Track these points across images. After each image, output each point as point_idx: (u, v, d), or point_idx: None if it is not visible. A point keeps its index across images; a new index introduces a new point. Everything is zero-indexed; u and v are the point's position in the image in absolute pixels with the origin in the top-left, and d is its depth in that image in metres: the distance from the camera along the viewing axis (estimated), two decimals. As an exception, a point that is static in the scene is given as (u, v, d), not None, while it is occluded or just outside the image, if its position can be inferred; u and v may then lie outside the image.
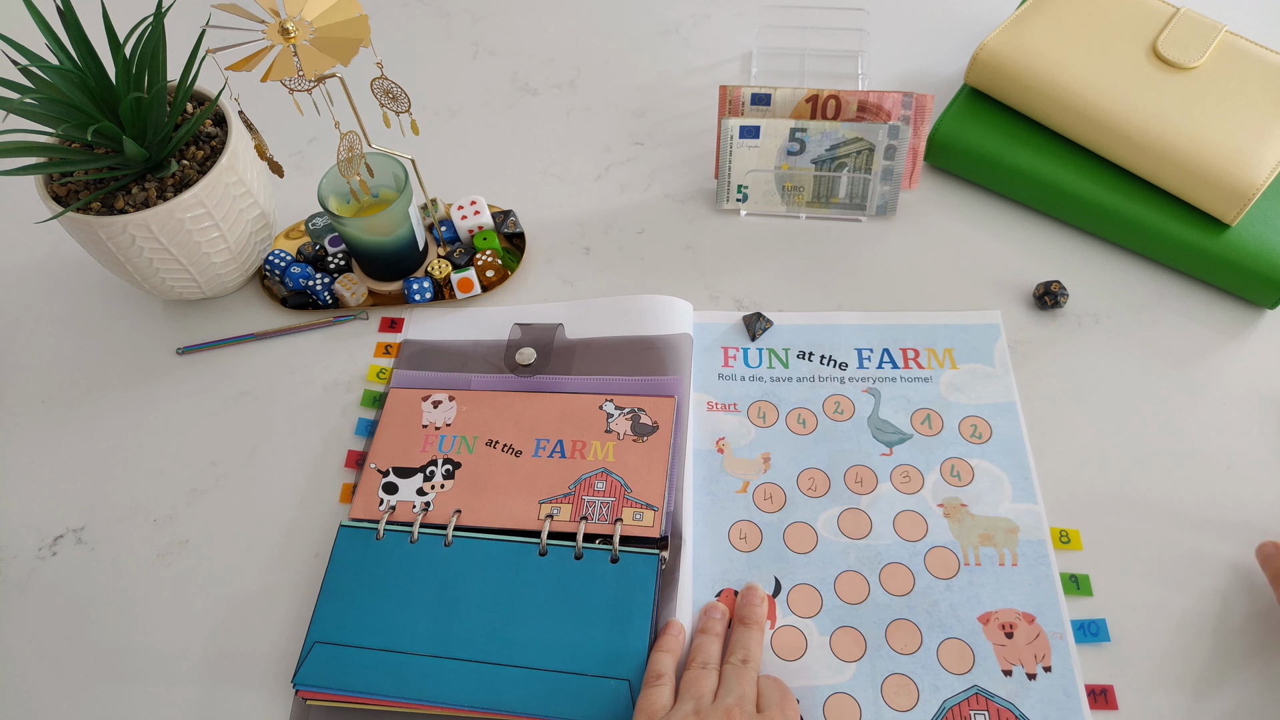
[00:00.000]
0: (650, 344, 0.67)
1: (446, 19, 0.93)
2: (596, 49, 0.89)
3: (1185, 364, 0.66)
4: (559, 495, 0.60)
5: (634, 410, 0.64)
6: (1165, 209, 0.69)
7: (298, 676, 0.54)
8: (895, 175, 0.72)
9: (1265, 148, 0.66)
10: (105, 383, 0.70)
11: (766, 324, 0.69)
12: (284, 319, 0.72)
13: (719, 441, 0.64)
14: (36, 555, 0.62)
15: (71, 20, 0.59)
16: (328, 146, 0.82)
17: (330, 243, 0.74)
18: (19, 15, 0.63)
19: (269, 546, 0.62)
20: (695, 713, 0.49)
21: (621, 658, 0.54)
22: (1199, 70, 0.70)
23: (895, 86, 0.84)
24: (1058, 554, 0.58)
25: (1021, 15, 0.75)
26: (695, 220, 0.76)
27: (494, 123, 0.84)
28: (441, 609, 0.56)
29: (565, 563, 0.57)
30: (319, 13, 0.57)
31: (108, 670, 0.58)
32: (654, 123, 0.83)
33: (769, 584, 0.58)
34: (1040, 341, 0.68)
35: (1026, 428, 0.63)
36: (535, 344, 0.68)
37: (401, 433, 0.64)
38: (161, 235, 0.63)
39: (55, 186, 0.64)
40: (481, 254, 0.72)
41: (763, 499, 0.61)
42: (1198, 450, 0.62)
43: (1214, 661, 0.54)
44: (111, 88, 0.61)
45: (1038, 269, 0.71)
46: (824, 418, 0.65)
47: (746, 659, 0.53)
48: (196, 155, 0.66)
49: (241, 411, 0.68)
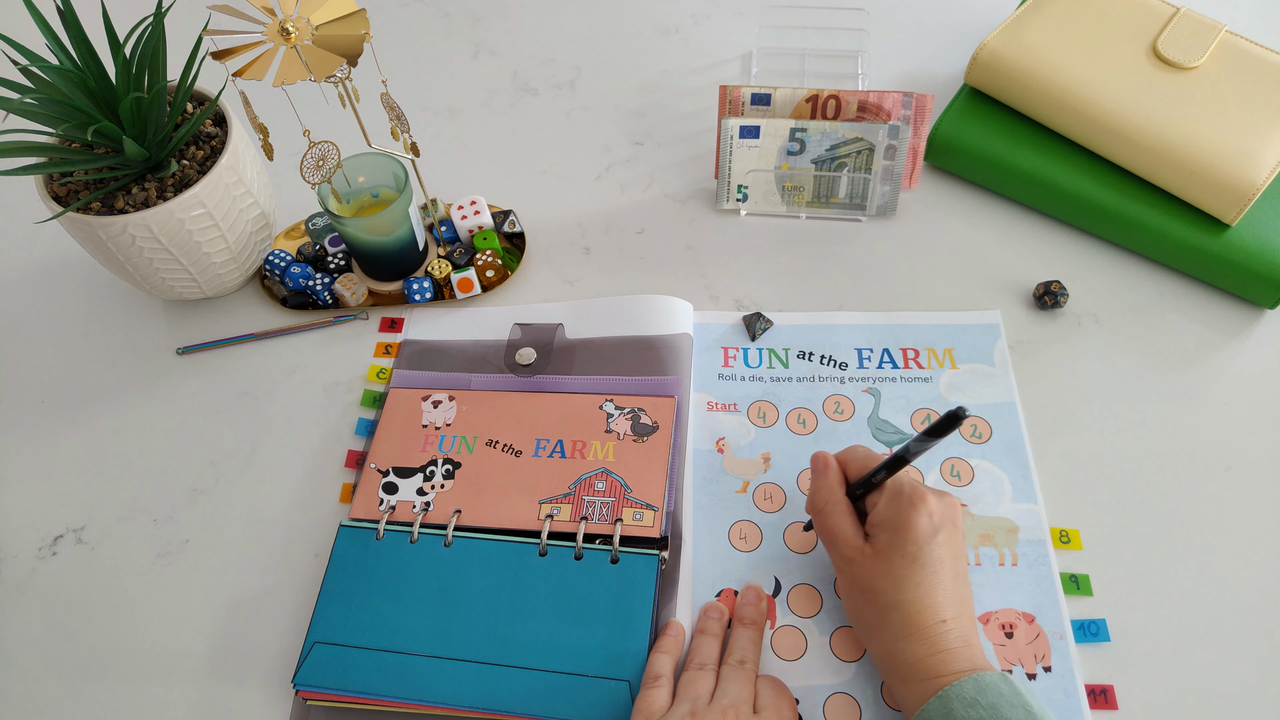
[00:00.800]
0: (650, 344, 0.67)
1: (446, 19, 0.93)
2: (596, 49, 0.89)
3: (1185, 364, 0.66)
4: (559, 495, 0.60)
5: (634, 410, 0.64)
6: (1165, 209, 0.69)
7: (298, 677, 0.54)
8: (895, 175, 0.72)
9: (1265, 148, 0.66)
10: (105, 383, 0.70)
11: (766, 324, 0.69)
12: (284, 319, 0.72)
13: (719, 441, 0.64)
14: (36, 555, 0.62)
15: (71, 20, 0.59)
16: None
17: (330, 243, 0.74)
18: (19, 15, 0.63)
19: (269, 546, 0.62)
20: (691, 714, 0.49)
21: (621, 658, 0.54)
22: (1199, 70, 0.70)
23: (895, 86, 0.84)
24: (1058, 554, 0.58)
25: (1021, 15, 0.75)
26: (695, 220, 0.76)
27: (494, 123, 0.84)
28: (441, 609, 0.56)
29: (565, 563, 0.57)
30: (316, 10, 0.57)
31: (108, 670, 0.58)
32: (654, 123, 0.83)
33: (769, 584, 0.58)
34: (1040, 341, 0.68)
35: (1026, 428, 0.63)
36: (535, 344, 0.68)
37: (401, 433, 0.64)
38: (161, 235, 0.63)
39: (55, 186, 0.64)
40: (481, 254, 0.72)
41: (763, 499, 0.61)
42: (1198, 450, 0.62)
43: (1214, 661, 0.54)
44: (111, 88, 0.61)
45: (1038, 269, 0.71)
46: (824, 418, 0.65)
47: (744, 660, 0.53)
48: (196, 155, 0.66)
49: (241, 411, 0.68)
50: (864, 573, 0.50)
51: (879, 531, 0.51)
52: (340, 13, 0.57)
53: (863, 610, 0.51)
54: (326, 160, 0.62)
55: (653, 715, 0.50)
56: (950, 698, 0.45)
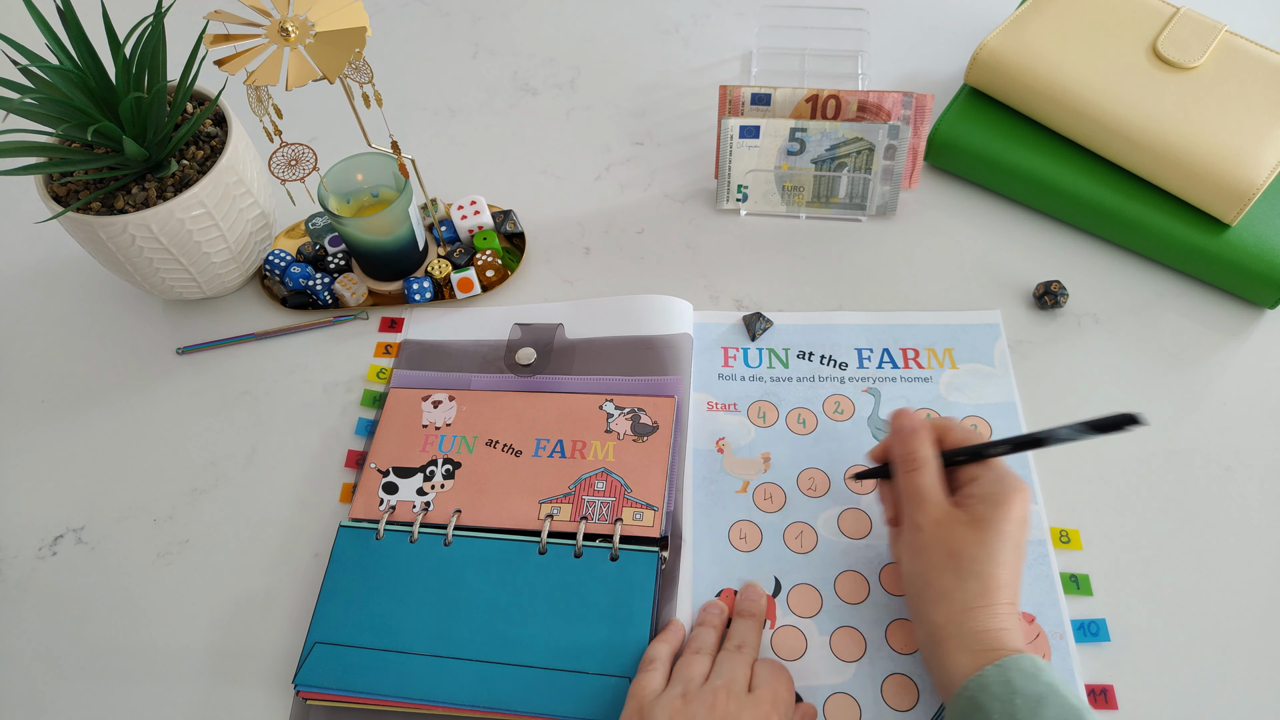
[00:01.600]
0: (650, 344, 0.67)
1: (446, 19, 0.93)
2: (596, 49, 0.89)
3: (1185, 364, 0.66)
4: (559, 495, 0.60)
5: (634, 410, 0.64)
6: (1165, 209, 0.69)
7: (298, 677, 0.54)
8: (895, 175, 0.72)
9: (1265, 148, 0.66)
10: (105, 383, 0.70)
11: (766, 324, 0.69)
12: (284, 319, 0.72)
13: (719, 441, 0.64)
14: (36, 555, 0.62)
15: (71, 20, 0.59)
16: (328, 146, 0.82)
17: (330, 243, 0.74)
18: (19, 15, 0.63)
19: (269, 546, 0.62)
20: (683, 695, 0.49)
21: (622, 655, 0.54)
22: (1199, 70, 0.70)
23: (895, 86, 0.84)
24: (1058, 554, 0.58)
25: (1021, 15, 0.75)
26: (695, 220, 0.76)
27: (494, 123, 0.84)
28: (442, 608, 0.56)
29: (565, 561, 0.57)
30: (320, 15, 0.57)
31: (108, 670, 0.58)
32: (654, 123, 0.83)
33: (769, 584, 0.58)
34: (1040, 341, 0.68)
35: (1026, 428, 0.63)
36: (535, 344, 0.68)
37: (401, 433, 0.64)
38: (161, 235, 0.63)
39: (55, 186, 0.64)
40: (481, 254, 0.72)
41: (763, 499, 0.61)
42: (1198, 450, 0.62)
43: (1214, 661, 0.54)
44: (111, 88, 0.61)
45: (1038, 269, 0.71)
46: (824, 418, 0.65)
47: (741, 645, 0.53)
48: (196, 155, 0.66)
49: (241, 411, 0.68)
50: (951, 536, 0.50)
51: (976, 503, 0.51)
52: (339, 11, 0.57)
53: (938, 572, 0.50)
54: (300, 162, 0.62)
55: (645, 698, 0.50)
56: (1009, 667, 0.46)
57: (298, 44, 0.55)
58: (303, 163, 0.63)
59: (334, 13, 0.57)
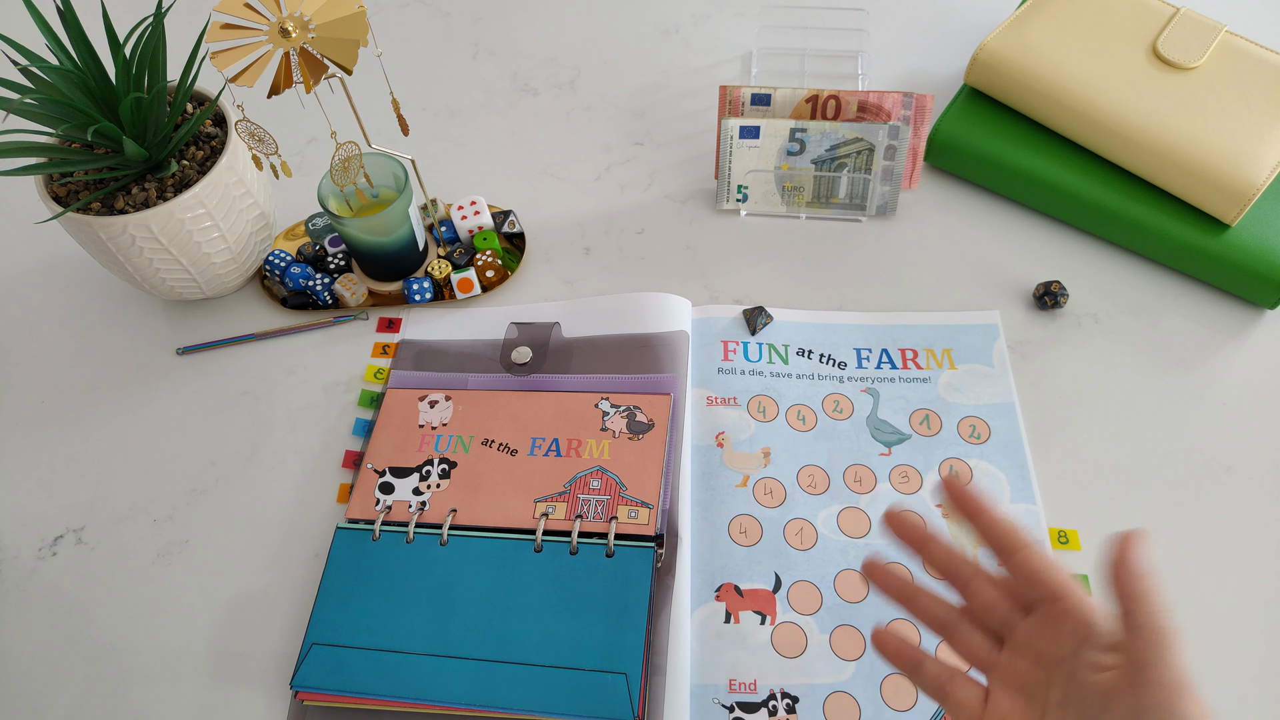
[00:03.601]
0: (646, 341, 0.67)
1: (446, 19, 0.93)
2: (596, 49, 0.89)
3: (1185, 364, 0.66)
4: (554, 494, 0.60)
5: (630, 408, 0.64)
6: (1165, 209, 0.69)
7: (296, 678, 0.54)
8: (895, 175, 0.72)
9: (1265, 148, 0.66)
10: (105, 383, 0.70)
11: (767, 319, 0.69)
12: (284, 319, 0.72)
13: (719, 436, 0.64)
14: (36, 555, 0.62)
15: (71, 20, 0.59)
16: (328, 146, 0.82)
17: (330, 243, 0.74)
18: (19, 15, 0.63)
19: (268, 546, 0.62)
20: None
21: (618, 651, 0.54)
22: (1199, 70, 0.70)
23: (895, 86, 0.84)
24: (1057, 554, 0.58)
25: (1021, 15, 0.75)
26: (695, 220, 0.76)
27: (494, 123, 0.85)
28: (438, 608, 0.56)
29: (561, 558, 0.58)
30: (315, 9, 0.57)
31: (107, 670, 0.58)
32: (654, 123, 0.83)
33: (769, 580, 0.58)
34: (1040, 341, 0.68)
35: (1025, 428, 0.63)
36: (531, 343, 0.68)
37: (398, 433, 0.64)
38: (161, 235, 0.63)
39: (55, 186, 0.64)
40: (481, 254, 0.72)
41: (763, 494, 0.61)
42: (1198, 450, 0.62)
43: (1214, 661, 0.54)
44: (111, 88, 0.61)
45: (1038, 269, 0.71)
46: (823, 416, 0.65)
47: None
48: (196, 155, 0.66)
49: (241, 411, 0.68)
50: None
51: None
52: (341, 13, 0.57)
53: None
54: (350, 158, 0.62)
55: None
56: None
57: (300, 43, 0.56)
58: (352, 161, 0.62)
59: (326, 6, 0.57)
